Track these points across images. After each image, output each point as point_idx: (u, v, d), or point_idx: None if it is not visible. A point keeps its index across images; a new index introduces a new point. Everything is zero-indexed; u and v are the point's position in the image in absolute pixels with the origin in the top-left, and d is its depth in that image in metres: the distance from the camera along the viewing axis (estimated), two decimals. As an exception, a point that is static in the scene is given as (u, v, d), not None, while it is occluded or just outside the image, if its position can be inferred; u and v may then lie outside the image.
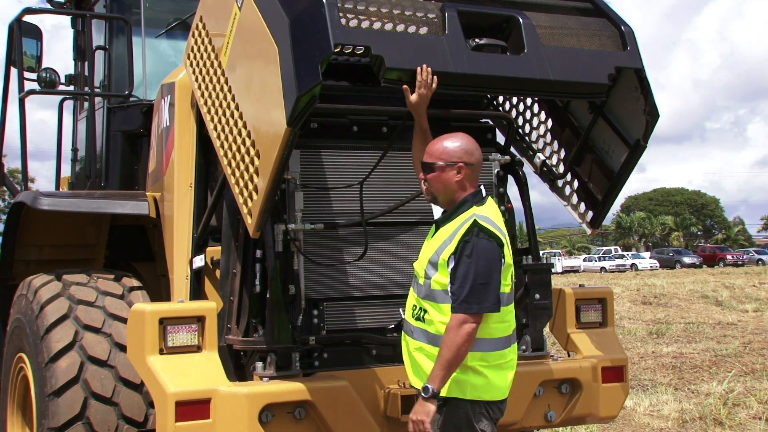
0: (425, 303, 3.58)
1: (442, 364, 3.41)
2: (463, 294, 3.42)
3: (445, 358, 3.40)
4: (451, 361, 3.40)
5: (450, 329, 3.42)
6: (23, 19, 6.16)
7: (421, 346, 3.59)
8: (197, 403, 3.81)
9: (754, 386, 9.59)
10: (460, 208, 3.64)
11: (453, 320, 3.43)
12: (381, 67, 3.57)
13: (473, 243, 3.47)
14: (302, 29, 3.48)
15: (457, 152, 3.64)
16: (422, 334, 3.58)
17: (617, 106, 4.48)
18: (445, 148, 3.65)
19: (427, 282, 3.57)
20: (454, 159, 3.63)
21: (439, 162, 3.64)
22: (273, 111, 3.53)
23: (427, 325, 3.57)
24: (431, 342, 3.54)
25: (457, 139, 3.69)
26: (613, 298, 5.25)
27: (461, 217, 3.60)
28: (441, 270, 3.52)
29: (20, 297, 5.11)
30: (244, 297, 4.21)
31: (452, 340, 3.40)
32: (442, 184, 3.65)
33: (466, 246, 3.47)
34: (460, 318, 3.42)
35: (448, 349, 3.40)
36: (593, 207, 4.74)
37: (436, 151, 3.66)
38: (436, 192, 3.69)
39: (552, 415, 4.61)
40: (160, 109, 5.12)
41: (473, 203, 3.64)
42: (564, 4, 4.29)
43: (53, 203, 5.44)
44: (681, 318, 17.94)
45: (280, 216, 4.19)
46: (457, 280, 3.45)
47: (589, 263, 59.52)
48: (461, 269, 3.45)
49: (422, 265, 3.63)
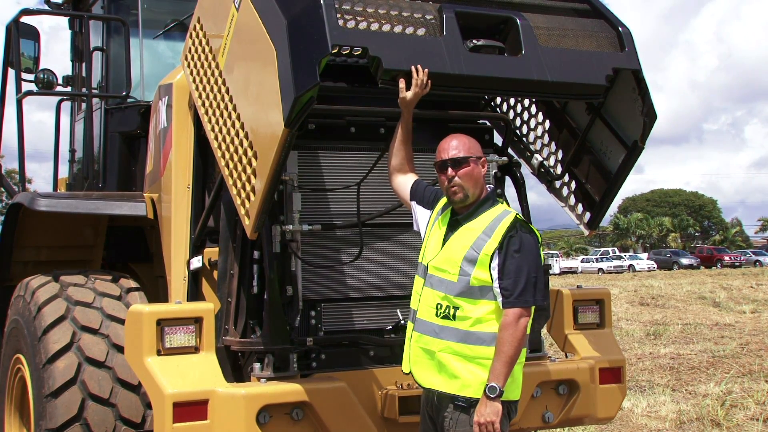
0: (459, 300, 3.52)
1: (506, 360, 3.40)
2: (519, 289, 3.43)
3: (509, 354, 3.40)
4: (513, 356, 3.41)
5: (508, 325, 3.41)
6: (21, 20, 6.16)
7: (449, 346, 3.53)
8: (195, 404, 3.81)
9: (752, 387, 9.60)
10: (483, 205, 3.64)
11: (510, 316, 3.42)
12: (378, 68, 3.57)
13: (520, 238, 3.49)
14: (300, 30, 3.48)
15: (476, 146, 3.71)
16: (452, 333, 3.53)
17: (615, 108, 4.49)
18: (470, 144, 3.68)
19: (463, 279, 3.51)
20: (479, 153, 3.69)
21: (472, 155, 3.64)
22: (270, 112, 3.53)
23: (459, 323, 3.52)
24: (462, 340, 3.50)
25: (467, 136, 3.74)
26: (610, 300, 5.25)
27: (491, 213, 3.60)
28: (480, 266, 3.49)
29: (18, 298, 5.11)
30: (242, 298, 4.21)
31: (513, 335, 3.40)
32: (474, 178, 3.64)
33: (512, 241, 3.47)
34: (517, 312, 3.42)
35: (509, 345, 3.40)
36: (591, 208, 4.74)
37: (464, 146, 3.66)
38: (469, 187, 3.63)
39: (549, 416, 4.62)
40: (157, 110, 5.12)
41: (494, 202, 3.68)
42: (561, 6, 4.29)
43: (51, 204, 5.44)
44: (678, 319, 17.95)
45: (277, 217, 4.19)
46: (509, 275, 3.44)
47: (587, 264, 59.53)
48: (511, 264, 3.45)
49: (454, 262, 3.55)
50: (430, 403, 3.69)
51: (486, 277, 3.49)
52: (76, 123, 6.96)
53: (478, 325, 3.49)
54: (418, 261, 3.80)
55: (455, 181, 3.63)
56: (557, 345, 5.15)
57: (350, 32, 3.57)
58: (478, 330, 3.49)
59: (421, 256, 3.77)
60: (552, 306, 5.00)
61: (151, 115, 5.33)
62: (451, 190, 3.65)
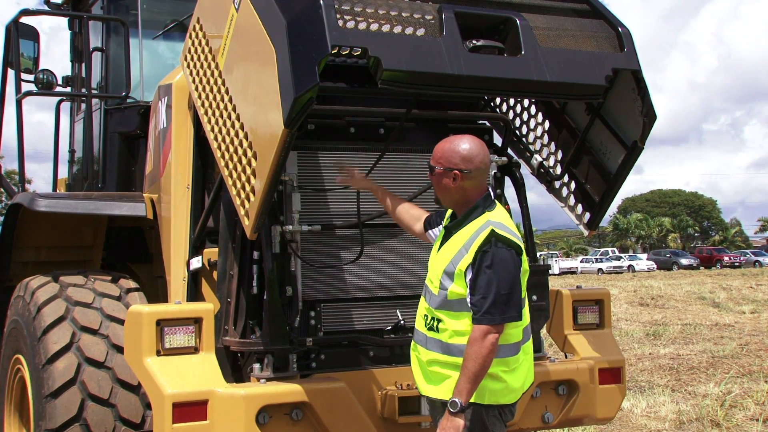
0: (439, 313, 3.52)
1: (469, 376, 3.35)
2: (486, 305, 3.35)
3: (472, 371, 3.34)
4: (477, 373, 3.35)
5: (474, 341, 3.36)
6: (20, 21, 6.16)
7: (435, 357, 3.53)
8: (194, 404, 3.81)
9: (751, 387, 9.59)
10: (472, 213, 3.58)
11: (476, 332, 3.36)
12: (378, 68, 3.57)
13: (492, 253, 3.40)
14: (299, 31, 3.48)
15: (454, 158, 3.57)
16: (436, 344, 3.53)
17: (614, 108, 4.49)
18: (443, 152, 3.61)
19: (442, 292, 3.50)
20: (450, 165, 3.58)
21: (437, 166, 3.61)
22: (270, 112, 3.53)
23: (441, 335, 3.51)
24: (445, 351, 3.50)
25: (460, 144, 3.61)
26: (610, 300, 5.25)
27: (474, 224, 3.54)
28: (457, 280, 3.45)
29: (17, 299, 5.11)
30: (242, 298, 4.21)
31: (477, 352, 3.34)
32: (442, 188, 3.63)
33: (485, 256, 3.40)
34: (483, 329, 3.35)
35: (474, 362, 3.34)
36: (590, 208, 4.74)
37: (436, 153, 3.63)
38: (439, 195, 3.66)
39: (549, 417, 4.62)
40: (157, 110, 5.12)
41: (484, 209, 3.59)
42: (561, 6, 4.29)
43: (50, 205, 5.44)
44: (678, 319, 17.96)
45: (277, 217, 4.19)
46: (478, 291, 3.38)
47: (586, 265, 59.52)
48: (482, 280, 3.38)
49: (437, 275, 3.55)
50: (430, 405, 3.74)
51: (462, 291, 3.45)
52: (75, 123, 6.96)
53: (457, 337, 3.46)
54: None
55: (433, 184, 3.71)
56: (557, 345, 5.15)
57: (350, 32, 3.57)
58: (458, 342, 3.46)
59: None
60: (551, 306, 4.99)
61: (150, 116, 5.33)
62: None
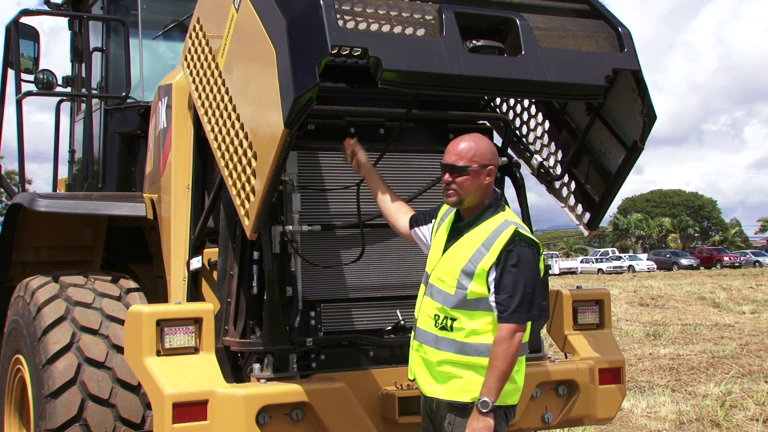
0: (456, 312, 3.51)
1: (498, 375, 3.38)
2: (514, 304, 3.39)
3: (502, 369, 3.38)
4: (507, 371, 3.39)
5: (503, 340, 3.39)
6: (20, 21, 6.16)
7: (447, 357, 3.52)
8: (194, 404, 3.81)
9: (751, 388, 9.60)
10: (485, 213, 3.60)
11: (504, 331, 3.40)
12: (378, 68, 3.57)
13: (517, 252, 3.44)
14: (299, 31, 3.48)
15: (487, 154, 3.61)
16: (450, 344, 3.52)
17: (614, 108, 4.48)
18: (477, 150, 3.59)
19: (460, 292, 3.49)
20: (485, 161, 3.59)
21: (472, 165, 3.57)
22: (270, 112, 3.53)
23: (455, 334, 3.50)
24: (459, 351, 3.49)
25: (484, 141, 3.65)
26: (610, 300, 5.25)
27: (490, 223, 3.55)
28: (478, 280, 3.46)
29: (17, 299, 5.11)
30: (242, 298, 4.21)
31: (507, 351, 3.38)
32: (474, 187, 3.58)
33: (510, 255, 3.43)
34: (511, 328, 3.40)
35: (503, 360, 3.38)
36: (590, 209, 4.74)
37: (466, 153, 3.58)
38: (466, 195, 3.59)
39: (549, 417, 4.61)
40: (157, 110, 5.12)
41: (497, 208, 3.61)
42: (561, 6, 4.29)
43: (50, 205, 5.44)
44: (678, 320, 17.96)
45: (277, 217, 4.19)
46: (504, 290, 3.41)
47: (587, 265, 59.55)
48: (507, 279, 3.41)
49: (452, 274, 3.53)
50: (429, 406, 3.69)
51: (483, 290, 3.47)
52: (75, 123, 6.96)
53: (474, 336, 3.48)
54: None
55: (451, 186, 3.61)
56: (557, 345, 5.15)
57: (350, 33, 3.57)
58: (474, 341, 3.48)
59: (427, 264, 3.76)
60: (552, 306, 5.00)
61: (150, 116, 5.33)
62: (447, 192, 3.64)
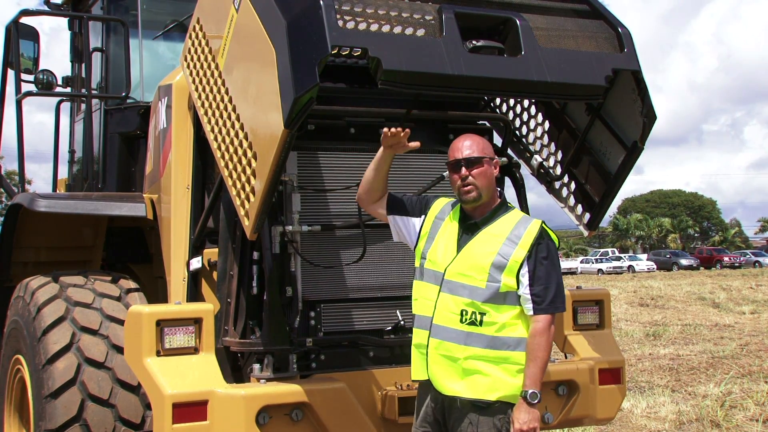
0: (486, 306, 3.52)
1: (542, 366, 3.47)
2: (550, 296, 3.49)
3: (544, 360, 3.48)
4: (547, 361, 3.51)
5: (543, 331, 3.48)
6: (20, 21, 6.16)
7: (477, 353, 3.51)
8: (194, 404, 3.81)
9: (751, 388, 9.60)
10: (500, 210, 3.67)
11: (542, 322, 3.48)
12: (378, 68, 3.57)
13: (546, 245, 3.56)
14: (299, 31, 3.48)
15: (488, 148, 3.74)
16: (480, 339, 3.52)
17: (614, 108, 4.49)
18: (484, 144, 3.71)
19: (492, 285, 3.51)
20: (492, 154, 3.73)
21: (486, 155, 3.66)
22: (270, 113, 3.53)
23: (486, 329, 3.51)
24: (490, 346, 3.51)
25: (480, 137, 3.78)
26: (610, 300, 5.25)
27: (509, 218, 3.63)
28: (509, 273, 3.51)
29: (17, 299, 5.11)
30: (242, 299, 4.21)
31: (547, 341, 3.49)
32: (488, 179, 3.65)
33: (540, 248, 3.53)
34: (549, 319, 3.50)
35: (545, 351, 3.48)
36: (590, 209, 4.74)
37: (478, 146, 3.66)
38: (483, 188, 3.62)
39: (549, 417, 4.61)
40: (157, 110, 5.12)
41: (508, 206, 3.73)
42: (561, 6, 4.29)
43: (50, 205, 5.44)
44: (678, 320, 17.96)
45: (277, 218, 4.19)
46: (539, 282, 3.50)
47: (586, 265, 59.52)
48: (541, 271, 3.50)
49: (481, 268, 3.53)
50: (440, 406, 3.63)
51: (513, 284, 3.51)
52: (75, 124, 6.96)
53: (504, 330, 3.52)
54: (421, 267, 3.71)
55: (469, 180, 3.60)
56: (557, 345, 5.14)
57: (350, 33, 3.57)
58: (504, 335, 3.51)
59: (427, 262, 3.68)
60: (552, 307, 4.99)
61: (150, 116, 5.33)
62: (463, 189, 3.62)
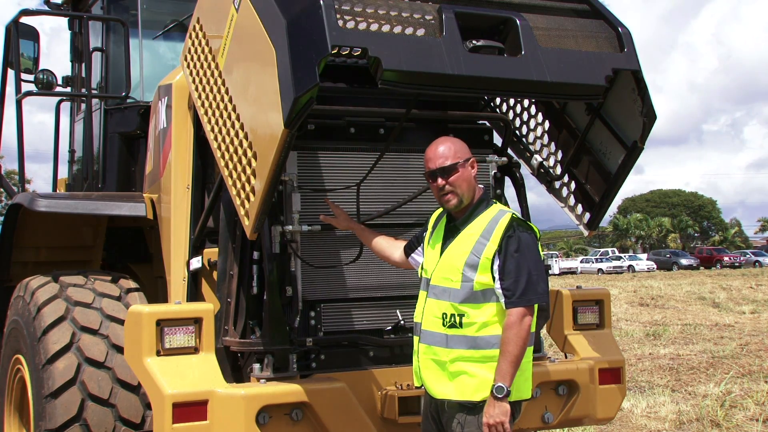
0: (464, 307, 3.53)
1: (511, 360, 3.42)
2: (520, 288, 3.45)
3: (514, 354, 3.42)
4: (519, 356, 3.43)
5: (513, 324, 3.43)
6: (20, 21, 6.16)
7: (460, 354, 3.53)
8: (194, 404, 3.81)
9: (751, 388, 9.60)
10: (478, 207, 3.68)
11: (513, 315, 3.44)
12: (378, 68, 3.57)
13: (517, 237, 3.51)
14: (299, 31, 3.48)
15: (462, 149, 3.74)
16: (461, 341, 3.53)
17: (614, 108, 4.49)
18: (453, 148, 3.71)
19: (467, 285, 3.52)
20: (466, 155, 3.72)
21: (459, 160, 3.67)
22: (270, 113, 3.53)
23: (466, 330, 3.52)
24: (472, 346, 3.51)
25: (452, 139, 3.79)
26: (610, 300, 5.26)
27: (485, 216, 3.63)
28: (483, 270, 3.51)
29: (17, 299, 5.11)
30: (242, 298, 4.21)
31: (517, 335, 3.42)
32: (466, 181, 3.67)
33: (510, 241, 3.50)
34: (520, 312, 3.44)
35: (514, 345, 3.42)
36: (590, 209, 4.75)
37: (448, 152, 3.68)
38: (463, 192, 3.66)
39: (549, 417, 4.62)
40: (157, 110, 5.12)
41: (488, 203, 3.71)
42: (561, 6, 4.29)
43: (50, 205, 5.44)
44: (678, 320, 17.97)
45: (277, 218, 4.19)
46: (509, 275, 3.46)
47: (586, 265, 59.56)
48: (510, 264, 3.47)
49: (456, 269, 3.56)
50: (435, 406, 3.69)
51: (488, 281, 3.50)
52: (75, 123, 6.96)
53: (484, 329, 3.51)
54: (420, 276, 3.82)
55: (446, 189, 3.66)
56: (557, 345, 5.15)
57: (350, 33, 3.57)
58: (486, 334, 3.50)
59: (422, 271, 3.81)
60: (552, 306, 4.99)
61: (150, 116, 5.33)
62: (444, 198, 3.69)
